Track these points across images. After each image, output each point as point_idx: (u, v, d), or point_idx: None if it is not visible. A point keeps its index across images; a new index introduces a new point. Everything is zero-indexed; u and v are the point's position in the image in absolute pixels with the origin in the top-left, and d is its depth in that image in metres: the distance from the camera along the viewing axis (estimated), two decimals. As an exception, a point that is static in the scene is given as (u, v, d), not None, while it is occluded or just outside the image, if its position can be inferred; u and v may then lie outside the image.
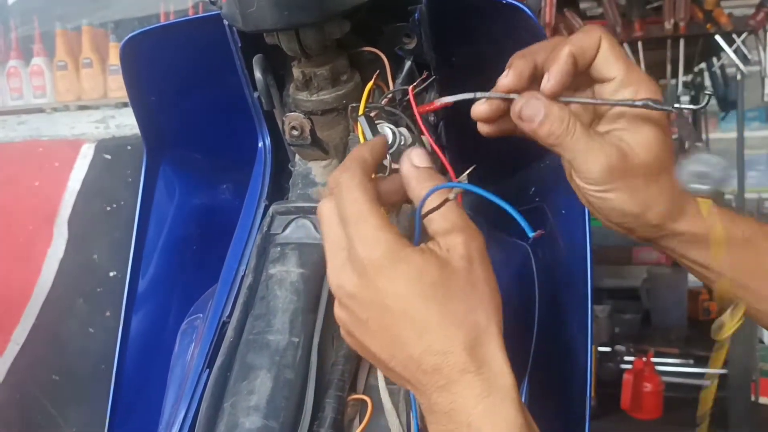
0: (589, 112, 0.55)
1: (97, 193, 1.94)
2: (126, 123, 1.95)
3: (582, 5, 2.21)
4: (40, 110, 2.19)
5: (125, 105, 2.02)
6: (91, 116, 2.05)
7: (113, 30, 2.20)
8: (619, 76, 0.51)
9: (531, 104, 0.51)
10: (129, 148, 1.89)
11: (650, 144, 0.51)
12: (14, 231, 2.04)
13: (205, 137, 0.79)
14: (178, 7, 2.12)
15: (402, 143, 0.58)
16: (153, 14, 2.14)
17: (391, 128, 0.58)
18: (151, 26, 0.68)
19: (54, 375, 2.01)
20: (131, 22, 2.21)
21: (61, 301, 1.98)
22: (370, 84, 0.59)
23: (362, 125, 0.55)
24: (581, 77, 0.53)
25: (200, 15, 0.68)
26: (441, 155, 0.56)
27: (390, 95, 0.58)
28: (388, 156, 0.58)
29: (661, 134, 0.51)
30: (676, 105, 0.49)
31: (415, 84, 0.56)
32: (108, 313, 1.92)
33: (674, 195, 0.52)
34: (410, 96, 0.56)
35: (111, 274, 1.91)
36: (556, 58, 0.50)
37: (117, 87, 2.12)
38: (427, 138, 0.58)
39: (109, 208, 1.93)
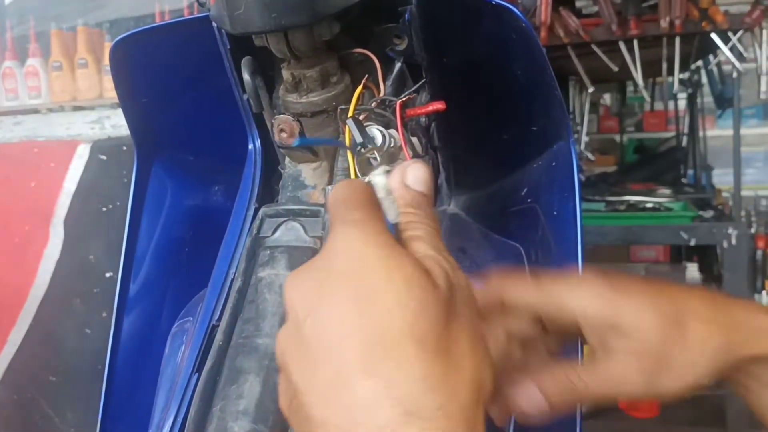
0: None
1: (93, 193, 1.94)
2: (121, 123, 1.94)
3: (578, 3, 2.20)
4: (35, 111, 2.19)
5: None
6: (86, 117, 2.05)
7: (108, 30, 2.20)
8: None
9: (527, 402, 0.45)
10: (124, 148, 1.89)
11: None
12: (10, 232, 2.04)
13: (196, 139, 0.78)
14: (173, 6, 2.12)
15: (391, 145, 0.58)
16: (148, 14, 2.14)
17: (380, 130, 0.57)
18: (141, 28, 0.68)
19: (51, 376, 2.00)
20: (126, 21, 2.21)
21: (57, 302, 1.98)
22: (359, 88, 0.59)
23: (350, 127, 0.55)
24: None
25: (190, 17, 0.68)
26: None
27: (378, 100, 0.58)
28: (377, 157, 0.58)
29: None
30: None
31: (403, 99, 0.56)
32: (104, 314, 1.92)
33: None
34: (397, 111, 0.56)
35: (107, 274, 1.90)
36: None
37: (112, 87, 2.11)
38: (411, 143, 0.57)
39: (105, 209, 1.93)
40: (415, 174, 0.42)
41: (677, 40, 2.00)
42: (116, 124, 1.99)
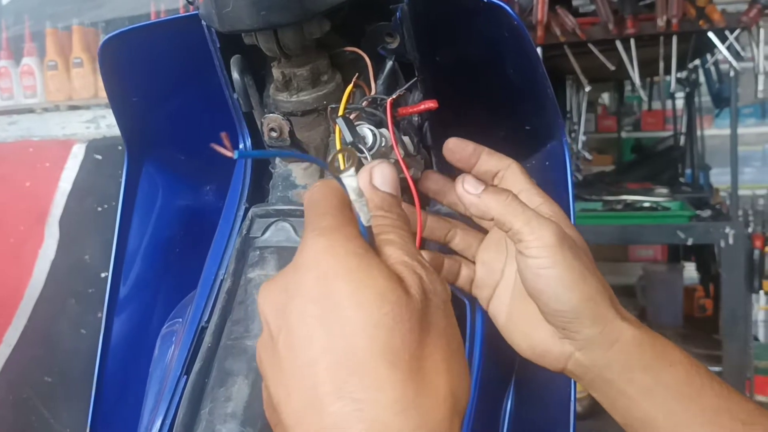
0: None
1: (88, 193, 1.94)
2: (116, 123, 1.94)
3: (574, 2, 2.20)
4: (30, 110, 2.19)
5: (116, 104, 2.01)
6: (81, 116, 2.05)
7: (104, 29, 2.19)
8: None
9: (470, 179, 0.52)
10: (120, 148, 1.89)
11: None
12: (5, 231, 2.03)
13: (187, 138, 0.78)
14: (169, 6, 2.11)
15: (382, 144, 0.57)
16: (144, 13, 2.13)
17: (371, 129, 0.57)
18: (130, 27, 0.67)
19: (46, 376, 2.00)
20: (122, 21, 2.20)
21: (52, 302, 1.98)
22: (349, 87, 0.58)
23: (341, 126, 0.55)
24: None
25: (180, 15, 0.68)
26: (405, 170, 0.55)
27: (369, 99, 0.58)
28: (368, 157, 0.57)
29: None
30: None
31: (393, 97, 0.55)
32: (100, 314, 1.90)
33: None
34: (388, 110, 0.56)
35: (102, 274, 1.90)
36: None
37: (107, 86, 2.11)
38: (402, 142, 0.57)
39: (100, 209, 1.92)
40: (382, 174, 0.42)
41: (674, 39, 2.00)
42: (111, 124, 1.98)
